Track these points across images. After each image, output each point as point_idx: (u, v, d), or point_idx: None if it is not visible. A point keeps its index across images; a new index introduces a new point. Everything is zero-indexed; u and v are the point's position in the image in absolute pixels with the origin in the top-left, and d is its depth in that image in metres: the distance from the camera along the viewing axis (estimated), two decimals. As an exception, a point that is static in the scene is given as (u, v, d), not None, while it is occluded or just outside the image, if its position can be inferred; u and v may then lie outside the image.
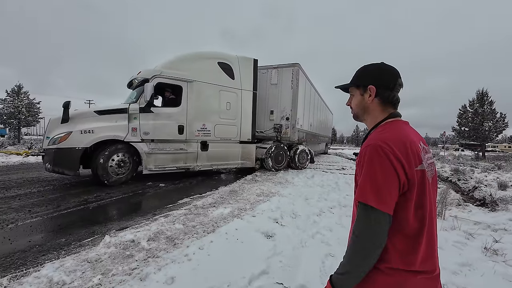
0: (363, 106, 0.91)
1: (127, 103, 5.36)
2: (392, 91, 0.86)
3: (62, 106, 4.73)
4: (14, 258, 2.18)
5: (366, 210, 0.72)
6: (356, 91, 0.93)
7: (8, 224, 2.88)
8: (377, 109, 0.89)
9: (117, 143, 4.98)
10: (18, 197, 3.99)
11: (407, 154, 0.73)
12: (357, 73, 0.94)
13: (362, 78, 0.91)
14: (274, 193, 4.71)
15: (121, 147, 5.03)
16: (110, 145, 4.90)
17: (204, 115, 6.14)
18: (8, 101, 24.84)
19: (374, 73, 0.89)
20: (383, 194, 0.70)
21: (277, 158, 7.78)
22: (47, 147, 4.61)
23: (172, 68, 5.71)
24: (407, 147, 0.74)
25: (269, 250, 2.43)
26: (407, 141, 0.76)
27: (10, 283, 1.79)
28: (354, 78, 0.94)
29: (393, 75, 0.86)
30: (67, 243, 2.49)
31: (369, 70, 0.90)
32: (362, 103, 0.91)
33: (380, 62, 0.91)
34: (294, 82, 7.78)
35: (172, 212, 3.46)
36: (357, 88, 0.93)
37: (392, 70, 0.87)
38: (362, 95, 0.91)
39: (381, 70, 0.88)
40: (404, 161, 0.72)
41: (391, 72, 0.87)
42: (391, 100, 0.87)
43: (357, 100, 0.93)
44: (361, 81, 0.91)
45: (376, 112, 0.89)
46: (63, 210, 3.45)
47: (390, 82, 0.86)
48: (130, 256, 2.20)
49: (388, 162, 0.71)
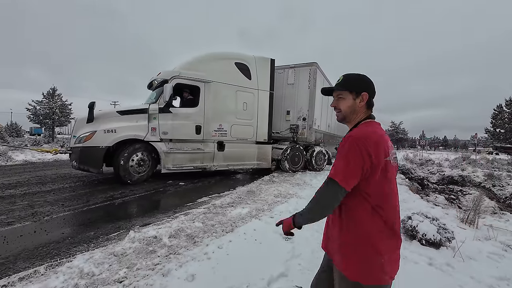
0: (354, 109, 1.08)
1: (147, 104, 5.54)
2: (372, 98, 1.09)
3: (88, 106, 4.98)
4: (50, 248, 2.35)
5: (332, 183, 0.94)
6: (349, 95, 1.08)
7: (44, 217, 3.12)
8: (362, 112, 1.08)
9: (137, 143, 5.15)
10: (53, 192, 4.31)
11: (377, 148, 0.94)
12: (350, 80, 1.09)
13: (356, 85, 1.07)
14: (292, 195, 4.66)
15: (141, 147, 5.19)
16: (130, 145, 5.07)
17: (221, 115, 6.21)
18: (44, 103, 26.96)
19: (367, 82, 1.08)
20: (348, 176, 0.93)
21: (293, 160, 7.69)
22: (74, 146, 4.87)
23: (190, 69, 5.83)
24: (378, 143, 0.95)
25: (287, 253, 2.40)
26: (379, 138, 0.97)
27: (46, 271, 1.93)
28: (347, 84, 1.09)
29: (374, 86, 1.09)
30: (95, 237, 2.64)
31: (363, 79, 1.08)
32: (354, 106, 1.08)
33: (363, 74, 1.10)
34: (312, 81, 7.64)
35: (192, 210, 3.55)
36: (350, 93, 1.08)
37: (371, 81, 1.10)
38: (355, 99, 1.07)
39: (370, 81, 1.09)
40: (373, 153, 0.93)
41: (372, 83, 1.09)
42: (372, 105, 1.09)
43: (349, 103, 1.08)
44: (355, 88, 1.07)
45: (361, 114, 1.08)
46: (91, 205, 3.67)
47: (374, 91, 1.09)
48: (153, 251, 2.29)
49: (360, 153, 0.92)
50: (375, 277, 0.94)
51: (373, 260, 0.94)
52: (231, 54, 6.57)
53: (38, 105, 26.84)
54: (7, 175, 5.65)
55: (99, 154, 4.76)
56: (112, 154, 5.00)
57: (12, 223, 2.88)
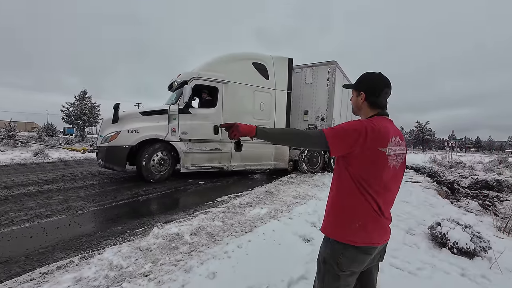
0: (357, 105, 1.21)
1: (168, 105, 5.73)
2: (378, 98, 1.13)
3: (113, 107, 5.23)
4: (82, 241, 2.52)
5: (320, 132, 1.02)
6: (355, 92, 1.21)
7: (77, 211, 3.36)
8: (366, 109, 1.16)
9: (158, 143, 5.33)
10: (84, 188, 4.62)
11: (375, 136, 0.99)
12: (358, 78, 1.20)
13: (358, 84, 1.19)
14: (311, 196, 4.59)
15: (162, 146, 5.36)
16: (152, 145, 5.25)
17: (238, 116, 6.23)
18: (75, 105, 29.00)
19: (366, 83, 1.16)
20: (336, 136, 1.00)
21: (311, 160, 7.55)
22: (100, 145, 5.13)
23: (209, 70, 5.94)
24: (378, 132, 1.00)
25: (307, 255, 2.37)
26: (381, 129, 1.02)
27: (80, 261, 2.08)
28: (355, 83, 1.21)
29: (380, 86, 1.13)
30: (122, 231, 2.79)
31: (364, 79, 1.17)
32: (357, 102, 1.20)
33: (377, 72, 1.16)
34: (330, 80, 7.45)
35: (212, 209, 3.62)
36: (355, 91, 1.20)
37: (381, 82, 1.14)
38: (357, 97, 1.19)
39: (372, 81, 1.15)
40: (369, 138, 0.98)
41: (379, 84, 1.13)
42: (378, 104, 1.14)
43: (354, 100, 1.22)
44: (357, 87, 1.19)
45: (365, 111, 1.17)
46: (118, 201, 3.89)
47: (376, 92, 1.13)
48: (175, 248, 2.37)
49: (358, 130, 0.99)
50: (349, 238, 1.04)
51: (350, 223, 1.05)
52: (248, 54, 6.61)
53: (71, 107, 28.94)
54: (45, 171, 6.15)
55: (123, 153, 4.99)
56: (135, 153, 5.22)
57: (50, 216, 3.14)
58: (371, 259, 1.10)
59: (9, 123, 12.17)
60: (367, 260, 1.07)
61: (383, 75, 1.15)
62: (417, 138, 59.87)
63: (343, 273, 1.05)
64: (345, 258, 1.04)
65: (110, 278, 1.86)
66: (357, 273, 1.10)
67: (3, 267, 2.00)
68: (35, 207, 3.43)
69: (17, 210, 3.26)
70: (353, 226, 1.03)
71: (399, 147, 1.10)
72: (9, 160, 7.61)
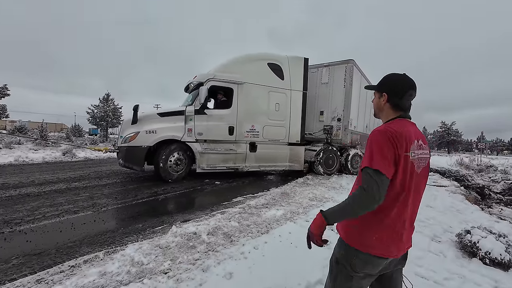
0: (378, 107, 1.17)
1: (184, 106, 5.84)
2: (401, 99, 1.09)
3: (132, 109, 5.44)
4: (106, 237, 2.65)
5: (373, 173, 0.92)
6: (377, 94, 1.17)
7: (102, 208, 3.54)
8: (388, 111, 1.13)
9: (174, 143, 5.43)
10: (108, 186, 4.86)
11: (400, 140, 0.97)
12: (381, 80, 1.16)
13: (381, 86, 1.15)
14: (328, 199, 4.49)
15: (178, 147, 5.46)
16: (168, 145, 5.34)
17: (253, 116, 6.24)
18: (100, 107, 30.62)
19: (389, 84, 1.13)
20: (385, 163, 0.93)
21: (327, 162, 7.37)
22: (121, 145, 5.33)
23: (224, 71, 5.99)
24: (401, 136, 0.98)
25: (324, 259, 2.30)
26: (403, 133, 0.99)
27: (104, 256, 2.18)
28: (377, 84, 1.17)
29: (404, 88, 1.09)
30: (143, 229, 2.89)
31: (388, 80, 1.14)
32: (378, 104, 1.17)
33: (402, 74, 1.12)
34: (347, 80, 7.24)
35: (228, 209, 3.65)
36: (377, 92, 1.17)
37: (406, 83, 1.09)
38: (379, 98, 1.15)
39: (396, 82, 1.11)
40: (397, 143, 0.96)
41: (403, 85, 1.09)
42: (401, 106, 1.10)
43: (376, 101, 1.19)
44: (379, 88, 1.15)
45: (387, 113, 1.14)
46: (139, 199, 4.04)
47: (399, 93, 1.09)
48: (193, 247, 2.41)
49: (389, 141, 0.96)
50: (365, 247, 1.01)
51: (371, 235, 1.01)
52: (263, 55, 6.59)
53: (96, 109, 30.60)
54: (72, 169, 6.55)
55: (142, 153, 5.13)
56: (153, 153, 5.34)
57: (77, 212, 3.33)
58: (387, 263, 1.06)
59: (41, 125, 13.12)
60: (382, 263, 1.04)
61: (407, 76, 1.10)
62: (442, 139, 56.55)
63: (356, 274, 1.03)
64: (358, 260, 1.02)
65: (132, 274, 1.94)
66: (372, 276, 1.07)
67: (37, 258, 2.16)
68: (64, 203, 3.65)
69: (48, 206, 3.49)
70: (372, 238, 1.01)
71: (422, 151, 1.06)
72: (41, 159, 8.20)
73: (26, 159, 7.93)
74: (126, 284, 1.81)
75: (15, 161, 7.52)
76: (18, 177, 5.27)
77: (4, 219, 2.97)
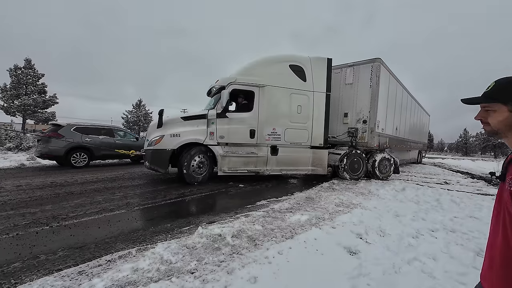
0: (508, 123, 0.82)
1: (206, 110, 5.97)
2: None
3: (158, 113, 5.68)
4: (138, 234, 2.81)
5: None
6: (503, 107, 0.83)
7: (134, 207, 3.77)
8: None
9: (197, 146, 5.54)
10: (139, 186, 5.17)
11: None
12: (506, 87, 0.83)
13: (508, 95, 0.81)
14: (355, 205, 4.28)
15: (200, 150, 5.57)
16: (192, 148, 5.46)
17: (274, 119, 6.17)
18: (133, 112, 32.92)
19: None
20: None
21: (352, 166, 7.04)
22: (147, 148, 5.60)
23: (245, 74, 6.01)
24: None
25: (353, 269, 2.20)
26: None
27: (137, 253, 2.32)
28: (500, 93, 0.83)
29: None
30: (171, 228, 3.02)
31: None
32: (509, 120, 0.82)
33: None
34: (374, 80, 6.86)
35: (252, 212, 3.67)
36: (504, 104, 0.82)
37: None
38: (510, 112, 0.81)
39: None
40: None
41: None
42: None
43: (503, 117, 0.83)
44: (507, 98, 0.81)
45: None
46: (168, 200, 4.24)
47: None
48: (218, 248, 2.46)
49: None
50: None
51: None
52: (285, 56, 6.52)
53: (129, 114, 32.97)
54: (109, 171, 7.10)
55: (166, 156, 5.32)
56: (177, 156, 5.51)
57: (113, 210, 3.59)
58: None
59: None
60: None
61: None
62: (487, 142, 50.93)
63: None
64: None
65: (161, 272, 2.03)
66: None
67: (79, 251, 2.36)
68: (102, 201, 3.97)
69: (88, 204, 3.82)
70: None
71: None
72: (83, 160, 9.02)
73: (70, 160, 8.79)
74: (156, 281, 1.90)
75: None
76: (64, 177, 5.86)
77: (53, 214, 3.31)
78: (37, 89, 22.17)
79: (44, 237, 2.65)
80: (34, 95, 21.72)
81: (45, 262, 2.17)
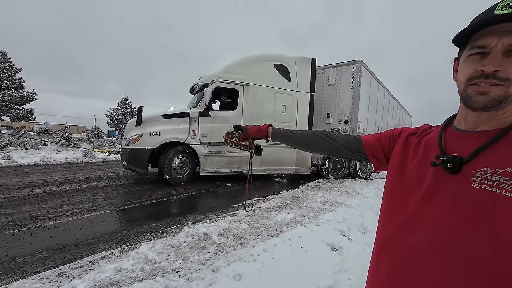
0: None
1: (189, 108, 5.72)
2: None
3: (136, 110, 5.47)
4: (122, 235, 2.76)
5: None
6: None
7: (119, 207, 3.69)
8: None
9: (178, 145, 5.35)
10: (124, 186, 5.05)
11: None
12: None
13: None
14: (340, 203, 4.41)
15: (182, 149, 5.39)
16: (172, 148, 5.27)
17: (258, 119, 6.08)
18: (118, 110, 31.93)
19: None
20: None
21: (335, 166, 7.23)
22: (124, 147, 5.28)
23: (229, 72, 5.90)
24: None
25: (335, 265, 2.28)
26: None
27: (120, 254, 2.28)
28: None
29: None
30: (156, 228, 2.99)
31: None
32: None
33: None
34: (355, 81, 7.05)
35: (238, 211, 3.69)
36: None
37: None
38: None
39: None
40: None
41: None
42: None
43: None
44: None
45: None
46: (153, 200, 4.17)
47: None
48: (203, 247, 2.46)
49: None
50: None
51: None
52: (270, 55, 6.47)
53: (114, 112, 31.96)
54: (92, 170, 6.88)
55: (145, 156, 5.06)
56: (157, 155, 5.27)
57: (96, 210, 3.50)
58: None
59: (65, 127, 13.88)
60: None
61: None
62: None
63: None
64: None
65: (145, 271, 2.01)
66: None
67: (59, 253, 2.29)
68: (84, 201, 3.85)
69: (70, 204, 3.70)
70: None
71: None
72: (64, 159, 8.67)
73: (50, 159, 8.43)
74: (139, 281, 1.88)
75: (41, 161, 8.01)
76: (43, 176, 5.61)
77: (31, 215, 3.18)
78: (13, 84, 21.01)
79: (21, 239, 2.55)
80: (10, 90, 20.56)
81: (23, 264, 2.09)
